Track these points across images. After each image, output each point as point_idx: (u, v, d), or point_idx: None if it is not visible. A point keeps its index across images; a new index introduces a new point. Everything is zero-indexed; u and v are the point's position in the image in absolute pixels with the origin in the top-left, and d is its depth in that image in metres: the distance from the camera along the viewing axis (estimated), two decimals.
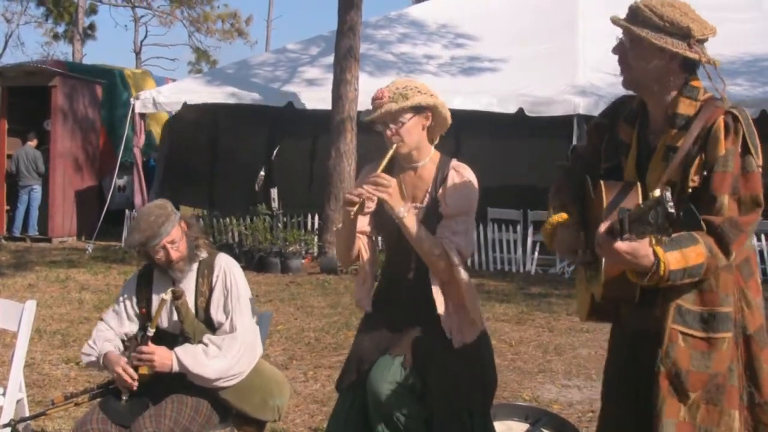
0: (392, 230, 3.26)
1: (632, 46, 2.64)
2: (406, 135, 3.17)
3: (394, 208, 3.10)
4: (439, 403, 3.15)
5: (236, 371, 3.55)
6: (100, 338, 3.69)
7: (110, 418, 3.50)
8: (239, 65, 16.07)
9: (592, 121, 2.98)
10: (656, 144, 2.66)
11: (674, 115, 2.62)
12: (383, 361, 3.17)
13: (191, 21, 34.83)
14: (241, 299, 3.65)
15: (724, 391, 2.55)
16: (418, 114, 3.18)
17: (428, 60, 14.92)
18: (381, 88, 3.20)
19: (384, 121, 3.17)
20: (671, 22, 2.56)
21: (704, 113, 2.58)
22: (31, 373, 6.21)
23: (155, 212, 3.59)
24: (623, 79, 2.71)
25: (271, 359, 6.62)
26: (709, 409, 2.55)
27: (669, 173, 2.55)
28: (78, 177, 15.72)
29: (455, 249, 3.16)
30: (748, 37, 14.04)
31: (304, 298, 9.84)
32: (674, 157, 2.56)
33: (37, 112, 15.49)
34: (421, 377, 3.14)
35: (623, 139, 2.78)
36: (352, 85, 12.29)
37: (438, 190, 3.24)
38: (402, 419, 3.09)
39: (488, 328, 3.49)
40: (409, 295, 3.29)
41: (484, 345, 3.35)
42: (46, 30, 39.23)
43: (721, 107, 2.58)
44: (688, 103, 2.62)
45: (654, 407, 2.54)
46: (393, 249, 3.36)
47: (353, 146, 12.30)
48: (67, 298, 9.60)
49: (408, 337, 3.21)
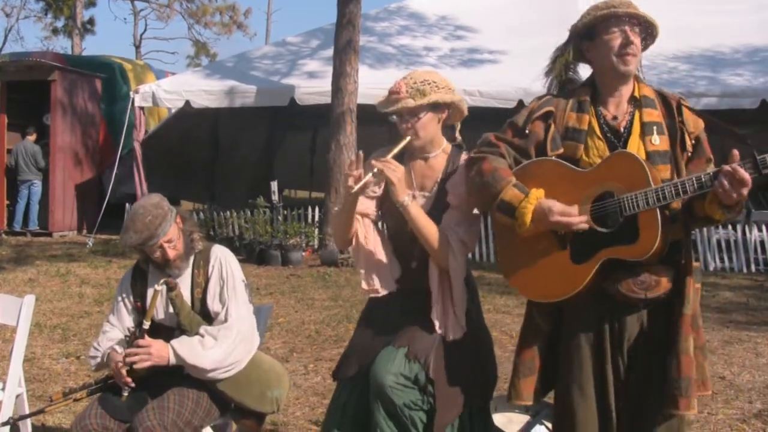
0: (398, 220, 3.28)
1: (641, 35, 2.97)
2: (420, 130, 3.23)
3: (398, 195, 3.13)
4: (441, 394, 3.14)
5: (232, 361, 3.53)
6: (104, 338, 3.69)
7: (109, 413, 3.49)
8: (239, 58, 16.04)
9: (539, 111, 3.07)
10: (621, 125, 2.96)
11: (643, 98, 2.99)
12: (387, 351, 3.17)
13: (190, 14, 34.74)
14: (237, 289, 3.64)
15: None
16: (434, 111, 3.24)
17: (428, 52, 14.88)
18: (399, 81, 3.23)
19: (400, 114, 3.21)
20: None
21: (665, 95, 3.03)
22: (32, 367, 6.21)
23: (152, 212, 3.53)
24: (630, 65, 2.94)
25: (271, 352, 6.62)
26: None
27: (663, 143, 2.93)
28: (78, 171, 15.71)
29: (458, 239, 3.17)
30: (748, 28, 14.03)
31: (304, 291, 9.83)
32: (660, 129, 2.94)
33: (37, 107, 15.47)
34: (425, 369, 3.13)
35: (573, 125, 2.98)
36: (351, 77, 12.27)
37: (447, 181, 3.27)
38: (405, 411, 3.08)
39: (489, 320, 3.48)
40: (412, 286, 3.30)
41: (482, 340, 3.36)
42: (46, 24, 39.19)
43: (669, 92, 3.08)
44: (647, 88, 3.03)
45: (677, 347, 2.85)
46: (398, 238, 3.37)
47: (353, 138, 12.28)
48: (68, 292, 9.59)
49: (411, 328, 3.22)
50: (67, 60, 17.55)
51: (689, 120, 2.97)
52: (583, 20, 3.04)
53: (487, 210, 3.07)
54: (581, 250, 2.88)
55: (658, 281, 2.88)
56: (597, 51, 3.00)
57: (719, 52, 13.31)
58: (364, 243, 3.33)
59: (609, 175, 2.85)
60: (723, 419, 5.11)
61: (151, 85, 14.67)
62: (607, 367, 2.94)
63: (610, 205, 2.84)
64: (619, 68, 2.94)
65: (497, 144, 3.06)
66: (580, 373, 2.96)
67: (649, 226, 2.78)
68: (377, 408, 3.12)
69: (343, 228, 3.32)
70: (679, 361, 2.83)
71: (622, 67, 2.93)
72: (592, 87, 3.05)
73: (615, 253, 2.82)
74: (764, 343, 7.17)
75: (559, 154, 2.97)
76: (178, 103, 14.23)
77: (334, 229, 3.45)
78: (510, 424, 3.77)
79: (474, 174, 3.01)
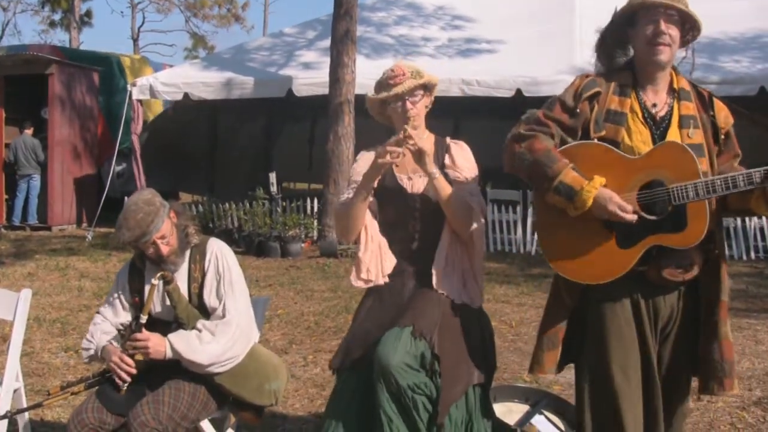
0: (399, 202, 3.38)
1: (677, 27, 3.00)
2: (421, 110, 3.41)
3: (429, 166, 3.23)
4: (447, 371, 3.15)
5: (230, 355, 3.52)
6: (97, 331, 3.68)
7: (106, 407, 3.48)
8: (236, 50, 16.01)
9: (588, 91, 3.08)
10: (659, 114, 3.02)
11: (681, 90, 3.05)
12: (392, 333, 3.16)
13: (187, 6, 34.69)
14: (234, 283, 3.62)
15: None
16: (425, 92, 3.42)
17: (426, 42, 14.85)
18: (399, 65, 3.40)
19: (402, 97, 3.34)
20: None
21: (699, 90, 3.10)
22: (31, 361, 6.20)
23: (143, 209, 3.50)
24: (662, 54, 2.98)
25: (270, 344, 6.62)
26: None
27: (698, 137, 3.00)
28: (76, 165, 15.68)
29: (478, 205, 3.31)
30: (747, 15, 13.99)
31: (304, 282, 9.83)
32: (695, 123, 3.01)
33: (34, 101, 15.44)
34: (430, 345, 3.14)
35: (616, 109, 3.03)
36: (349, 68, 12.24)
37: (443, 160, 3.40)
38: (409, 393, 3.08)
39: (488, 309, 3.50)
40: (413, 267, 3.36)
41: (484, 322, 3.41)
42: (43, 18, 39.14)
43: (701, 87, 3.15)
44: (685, 81, 3.08)
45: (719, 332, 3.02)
46: (397, 221, 3.41)
47: (351, 129, 12.26)
48: (67, 286, 9.58)
49: (413, 308, 3.24)
50: (64, 53, 17.50)
51: (720, 115, 3.07)
52: (622, 7, 3.08)
53: (535, 186, 3.10)
54: (627, 235, 2.96)
55: (692, 265, 3.00)
56: (636, 38, 3.06)
57: (717, 39, 13.26)
58: (372, 233, 3.41)
59: (659, 164, 2.92)
60: (723, 407, 5.11)
61: (148, 77, 14.63)
62: (651, 351, 3.04)
63: (659, 193, 2.92)
64: (650, 57, 3.00)
65: (546, 123, 3.08)
66: (622, 354, 3.01)
67: (698, 216, 2.88)
68: (381, 389, 3.10)
69: (355, 219, 3.36)
70: (721, 345, 3.01)
71: (652, 56, 2.99)
72: (632, 72, 3.10)
73: (662, 240, 2.93)
74: (764, 331, 7.16)
75: (601, 136, 3.03)
76: (177, 96, 14.23)
77: (342, 222, 3.43)
78: (509, 413, 3.78)
79: (524, 150, 3.03)
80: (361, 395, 3.22)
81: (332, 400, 3.37)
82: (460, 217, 3.27)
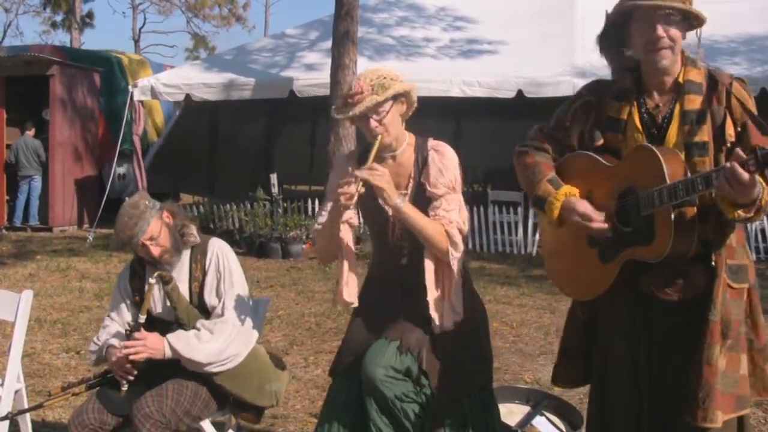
0: (381, 219, 3.25)
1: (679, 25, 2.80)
2: (389, 125, 3.16)
3: (391, 199, 3.06)
4: (438, 387, 3.12)
5: (229, 354, 3.52)
6: (103, 333, 3.71)
7: (107, 408, 3.50)
8: (238, 51, 16.01)
9: (578, 102, 3.03)
10: (660, 114, 2.83)
11: (687, 82, 2.82)
12: (378, 345, 3.15)
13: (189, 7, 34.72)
14: (234, 283, 3.63)
15: (739, 339, 2.77)
16: (395, 102, 3.18)
17: (427, 43, 14.84)
18: (358, 82, 3.17)
19: (366, 115, 3.13)
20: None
21: (716, 78, 2.84)
22: (32, 362, 6.21)
23: (128, 212, 3.54)
24: (664, 59, 2.79)
25: (271, 345, 6.62)
26: (732, 356, 2.74)
27: (702, 134, 2.75)
28: (78, 166, 15.67)
29: (455, 227, 3.15)
30: (747, 17, 13.98)
31: (304, 283, 9.83)
32: (700, 118, 2.76)
33: (35, 102, 15.43)
34: (418, 361, 3.11)
35: (613, 116, 2.90)
36: (350, 69, 12.21)
37: (421, 174, 3.23)
38: (397, 403, 3.07)
39: (489, 310, 3.48)
40: (402, 281, 3.27)
41: (482, 323, 3.36)
42: (45, 19, 39.16)
43: (724, 72, 2.91)
44: (695, 71, 2.84)
45: (701, 355, 2.68)
46: (384, 237, 3.31)
47: (352, 131, 12.24)
48: (68, 287, 9.59)
49: (403, 322, 3.19)
50: (65, 52, 17.48)
51: (736, 108, 2.79)
52: (615, 8, 2.88)
53: None
54: (609, 249, 2.82)
55: (691, 283, 2.76)
56: (634, 43, 2.87)
57: (717, 40, 13.26)
58: (350, 253, 3.32)
59: (631, 170, 2.76)
60: None
61: (149, 78, 14.61)
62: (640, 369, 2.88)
63: (629, 201, 2.75)
64: (651, 65, 2.82)
65: (538, 137, 3.08)
66: (614, 371, 2.96)
67: (664, 224, 2.64)
68: (370, 403, 3.10)
69: (329, 243, 3.29)
70: (700, 370, 2.68)
71: (653, 64, 2.81)
72: (637, 72, 2.92)
73: (636, 253, 2.73)
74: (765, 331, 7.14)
75: (601, 145, 2.91)
76: (178, 97, 14.22)
77: (320, 246, 3.37)
78: (510, 414, 3.77)
79: (518, 167, 3.06)
80: (355, 402, 3.20)
81: (326, 406, 3.34)
82: (430, 245, 3.14)
